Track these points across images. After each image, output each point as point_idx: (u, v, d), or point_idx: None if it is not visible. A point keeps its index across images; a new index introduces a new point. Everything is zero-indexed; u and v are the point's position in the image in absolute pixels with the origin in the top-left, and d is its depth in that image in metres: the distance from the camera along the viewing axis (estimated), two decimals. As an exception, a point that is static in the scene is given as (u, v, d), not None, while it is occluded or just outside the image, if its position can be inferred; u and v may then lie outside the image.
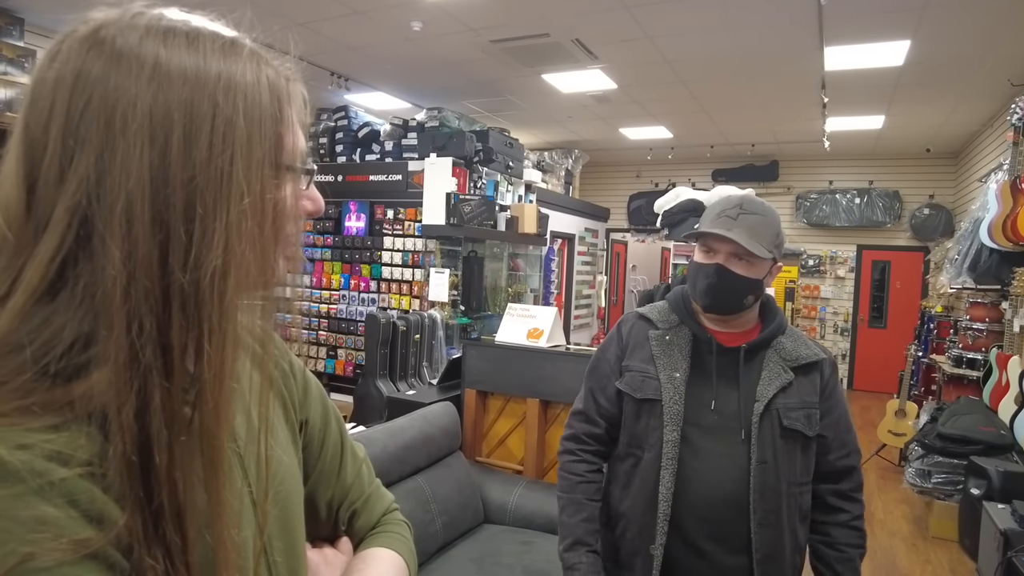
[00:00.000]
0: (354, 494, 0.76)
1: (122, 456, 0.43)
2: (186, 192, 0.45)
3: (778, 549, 1.29)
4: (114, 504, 0.42)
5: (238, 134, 0.48)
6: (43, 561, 0.38)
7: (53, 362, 0.43)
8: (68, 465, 0.41)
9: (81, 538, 0.40)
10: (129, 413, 0.43)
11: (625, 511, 1.37)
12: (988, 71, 4.67)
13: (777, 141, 7.54)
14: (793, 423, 1.29)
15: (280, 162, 0.51)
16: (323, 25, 4.39)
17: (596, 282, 8.51)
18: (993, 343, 4.46)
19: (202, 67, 0.47)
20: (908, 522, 4.16)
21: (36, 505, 0.39)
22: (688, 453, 1.30)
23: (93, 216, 0.44)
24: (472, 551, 2.41)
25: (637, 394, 1.36)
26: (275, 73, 0.52)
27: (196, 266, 0.45)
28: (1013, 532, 2.86)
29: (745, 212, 1.29)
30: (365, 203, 5.36)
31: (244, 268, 0.48)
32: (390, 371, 4.36)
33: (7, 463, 0.39)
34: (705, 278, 1.31)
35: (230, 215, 0.47)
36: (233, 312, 0.48)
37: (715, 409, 1.32)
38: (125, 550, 0.43)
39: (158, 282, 0.44)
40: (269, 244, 0.51)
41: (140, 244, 0.44)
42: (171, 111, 0.45)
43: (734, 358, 1.33)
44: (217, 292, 0.46)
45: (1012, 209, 3.98)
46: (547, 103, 6.15)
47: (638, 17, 4.02)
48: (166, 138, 0.45)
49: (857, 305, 8.33)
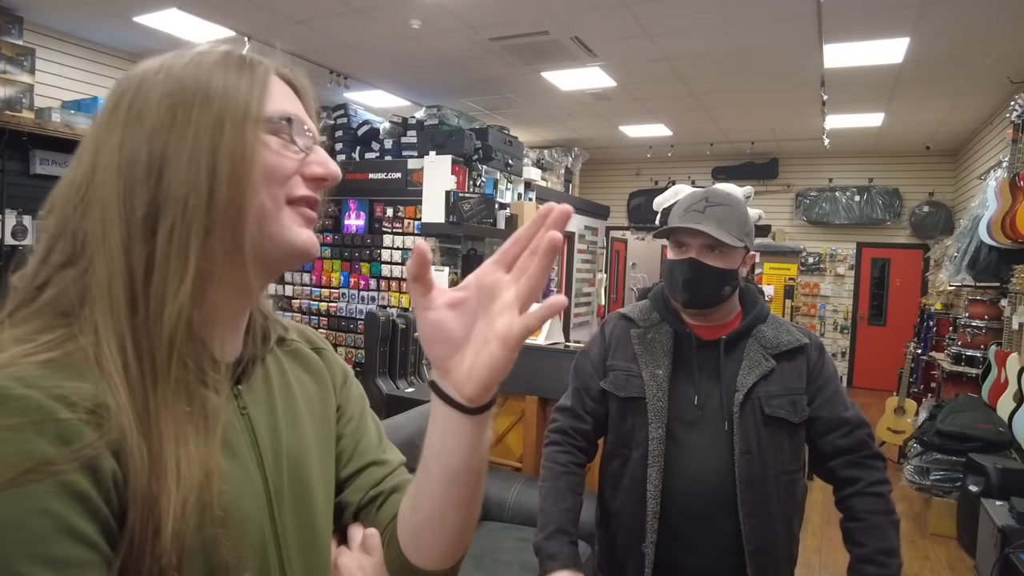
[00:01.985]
0: (387, 480, 0.73)
1: (116, 385, 0.47)
2: (151, 125, 0.52)
3: (770, 541, 1.28)
4: (109, 454, 0.45)
5: (199, 86, 0.54)
6: (25, 488, 0.41)
7: (65, 296, 0.50)
8: (73, 409, 0.44)
9: (67, 474, 0.42)
10: (124, 332, 0.49)
11: (617, 510, 1.38)
12: (987, 68, 4.67)
13: (777, 139, 7.54)
14: (775, 411, 1.28)
15: (248, 113, 0.54)
16: (322, 23, 4.38)
17: (596, 280, 8.51)
18: (992, 340, 4.46)
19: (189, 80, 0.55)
20: (907, 519, 4.17)
21: (34, 439, 0.42)
22: (674, 449, 1.30)
23: (97, 167, 0.52)
24: (471, 548, 2.42)
25: (621, 393, 1.36)
26: (250, 60, 0.58)
27: (166, 186, 0.51)
28: (1011, 529, 2.86)
29: (711, 204, 1.30)
30: (365, 201, 5.36)
31: (201, 205, 0.52)
32: (390, 369, 4.37)
33: (18, 397, 0.42)
34: (681, 274, 1.30)
35: (184, 152, 0.52)
36: (191, 242, 0.51)
37: (698, 404, 1.31)
38: (109, 491, 0.45)
39: (127, 208, 0.51)
40: (237, 190, 0.53)
41: (116, 171, 0.51)
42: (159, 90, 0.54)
43: (715, 351, 1.33)
44: (181, 219, 0.51)
45: (1011, 206, 3.98)
46: (547, 101, 6.14)
47: (637, 15, 4.02)
48: (142, 84, 0.54)
49: (857, 303, 8.33)
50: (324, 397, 0.70)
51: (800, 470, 1.34)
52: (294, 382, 0.67)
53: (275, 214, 0.55)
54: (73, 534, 0.42)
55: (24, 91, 4.10)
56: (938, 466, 3.99)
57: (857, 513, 1.29)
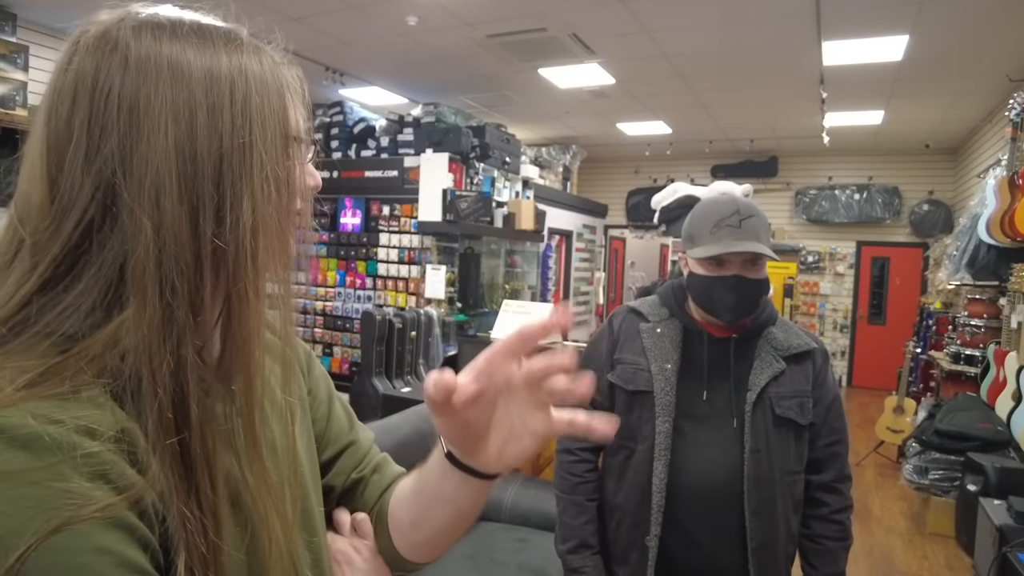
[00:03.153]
0: (373, 453, 0.77)
1: (158, 417, 0.46)
2: (214, 161, 0.49)
3: (772, 539, 1.29)
4: (140, 478, 0.45)
5: (253, 109, 0.52)
6: (76, 528, 0.41)
7: (80, 331, 0.46)
8: (97, 439, 0.43)
9: (111, 508, 0.42)
10: (165, 373, 0.46)
11: (620, 504, 1.38)
12: (987, 66, 4.65)
13: (776, 136, 7.52)
14: (786, 411, 1.30)
15: (288, 133, 0.55)
16: (318, 20, 4.36)
17: (594, 279, 8.50)
18: (991, 339, 4.45)
19: (213, 54, 0.52)
20: (905, 518, 4.16)
21: (70, 475, 0.41)
22: (681, 444, 1.31)
23: (120, 191, 0.47)
24: (467, 548, 2.40)
25: (629, 386, 1.37)
26: (271, 60, 0.57)
27: (231, 227, 0.49)
28: (1008, 528, 2.86)
29: (744, 216, 1.28)
30: (361, 199, 5.34)
31: (269, 230, 0.52)
32: (386, 368, 4.35)
33: (41, 437, 0.41)
34: (726, 292, 1.28)
35: (254, 180, 0.51)
36: (263, 273, 0.52)
37: (707, 399, 1.33)
38: (152, 522, 0.45)
39: (189, 246, 0.48)
40: (285, 211, 0.54)
41: (170, 211, 0.47)
42: (193, 93, 0.49)
43: (725, 349, 1.34)
44: (249, 251, 0.50)
45: (1010, 205, 3.96)
46: (544, 98, 6.12)
47: (635, 11, 4.00)
48: (191, 115, 0.49)
49: (856, 301, 8.32)
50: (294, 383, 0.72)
51: (802, 472, 1.36)
52: (267, 370, 0.67)
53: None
54: (130, 566, 0.43)
55: (18, 89, 4.08)
56: (937, 465, 3.98)
57: (816, 536, 1.36)
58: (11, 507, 0.39)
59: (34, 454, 0.41)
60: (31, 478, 0.40)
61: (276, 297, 0.56)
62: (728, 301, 1.28)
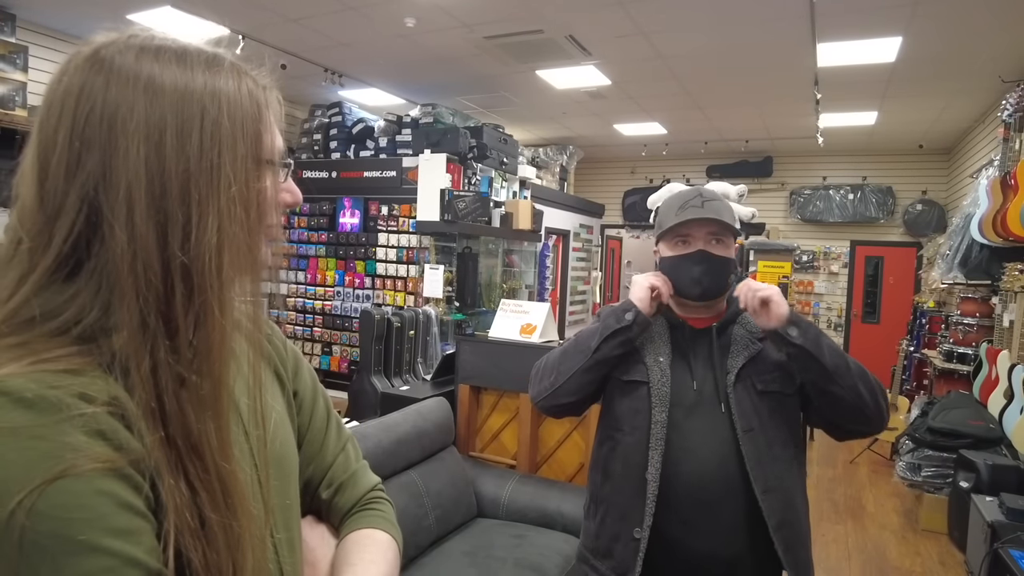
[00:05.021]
0: (338, 469, 0.79)
1: (145, 404, 0.51)
2: (181, 181, 0.52)
3: (792, 514, 1.29)
4: (133, 437, 0.50)
5: (224, 132, 0.55)
6: (80, 474, 0.46)
7: (75, 326, 0.51)
8: (92, 403, 0.48)
9: (108, 459, 0.47)
10: (145, 369, 0.51)
11: (606, 495, 1.39)
12: (979, 67, 4.69)
13: (771, 137, 7.56)
14: (768, 385, 1.33)
15: (260, 157, 0.58)
16: (316, 21, 4.38)
17: (591, 278, 8.53)
18: (983, 338, 4.49)
19: (190, 78, 0.54)
20: (898, 515, 4.20)
21: (70, 432, 0.46)
22: (674, 433, 1.32)
23: (100, 204, 0.51)
24: (465, 544, 2.43)
25: (624, 376, 1.39)
26: (253, 82, 0.59)
27: (195, 244, 0.52)
28: (1000, 524, 2.89)
29: (707, 199, 1.36)
30: (359, 199, 5.36)
31: (235, 247, 0.55)
32: (384, 367, 4.37)
33: (44, 398, 0.47)
34: (693, 265, 1.35)
35: (221, 201, 0.53)
36: (229, 287, 0.55)
37: (696, 388, 1.35)
38: (146, 476, 0.50)
39: (158, 259, 0.51)
40: (255, 227, 0.58)
41: (140, 226, 0.51)
42: (164, 114, 0.52)
43: (707, 338, 1.39)
44: (215, 267, 0.53)
45: (1002, 205, 4.00)
46: (541, 99, 6.15)
47: (632, 13, 4.03)
48: (160, 136, 0.52)
49: (850, 300, 8.37)
50: (278, 381, 0.75)
51: (802, 451, 1.38)
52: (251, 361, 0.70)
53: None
54: (129, 507, 0.48)
55: (17, 89, 4.09)
56: (929, 462, 4.02)
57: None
58: (19, 456, 0.44)
59: (37, 412, 0.46)
60: (35, 432, 0.45)
61: (246, 306, 0.59)
62: (694, 273, 1.34)
